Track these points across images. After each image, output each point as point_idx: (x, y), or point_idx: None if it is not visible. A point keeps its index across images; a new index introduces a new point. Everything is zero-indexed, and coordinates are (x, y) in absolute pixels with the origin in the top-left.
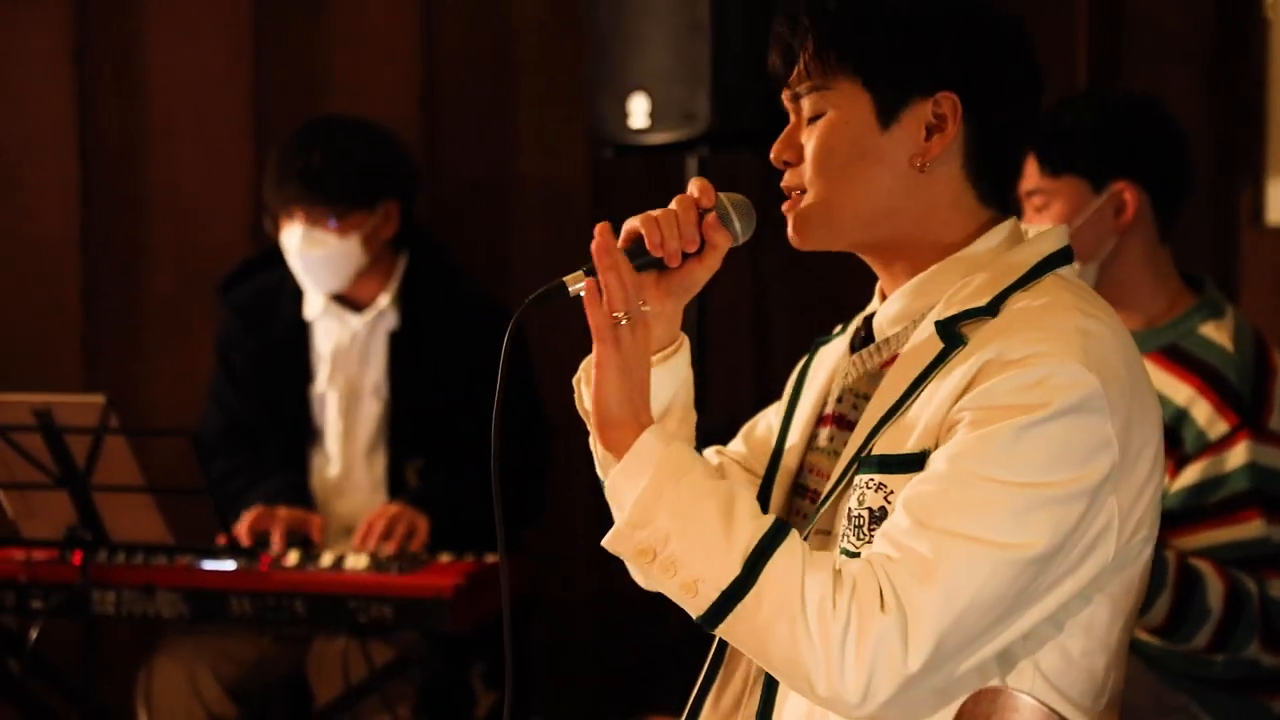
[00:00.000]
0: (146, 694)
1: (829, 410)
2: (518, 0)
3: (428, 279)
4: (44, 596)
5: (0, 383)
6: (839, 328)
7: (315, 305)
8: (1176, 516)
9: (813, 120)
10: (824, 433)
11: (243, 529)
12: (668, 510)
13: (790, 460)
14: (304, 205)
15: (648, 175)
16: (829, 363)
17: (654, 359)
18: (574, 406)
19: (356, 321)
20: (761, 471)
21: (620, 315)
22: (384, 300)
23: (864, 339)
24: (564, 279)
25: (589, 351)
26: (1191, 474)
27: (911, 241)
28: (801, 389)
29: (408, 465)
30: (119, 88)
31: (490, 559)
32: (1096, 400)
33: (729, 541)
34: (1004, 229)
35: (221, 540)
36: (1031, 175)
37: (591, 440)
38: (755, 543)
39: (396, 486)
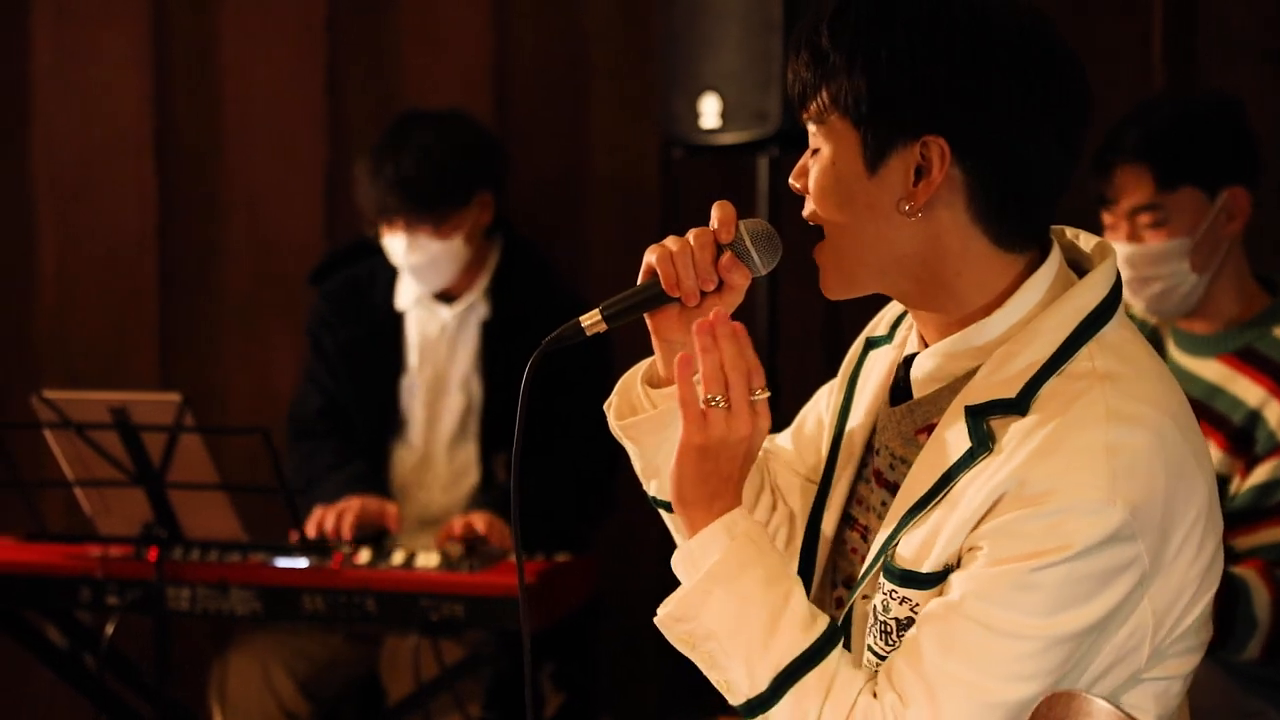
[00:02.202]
0: (220, 689)
1: (876, 445)
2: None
3: (520, 272)
4: (119, 593)
5: (78, 381)
6: (888, 326)
7: (407, 296)
8: (1243, 515)
9: (815, 152)
10: (872, 464)
11: (323, 521)
12: (714, 611)
13: (842, 482)
14: (402, 216)
15: (719, 175)
16: (877, 376)
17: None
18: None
19: (446, 313)
20: (808, 473)
21: (713, 398)
22: (476, 291)
23: (902, 388)
24: (579, 319)
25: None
26: (1260, 474)
27: (933, 295)
28: (853, 394)
29: (496, 458)
30: (195, 89)
31: (561, 559)
32: (1122, 531)
33: (764, 655)
34: (1041, 282)
35: (293, 536)
36: (1142, 190)
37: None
38: (787, 663)
39: (486, 478)
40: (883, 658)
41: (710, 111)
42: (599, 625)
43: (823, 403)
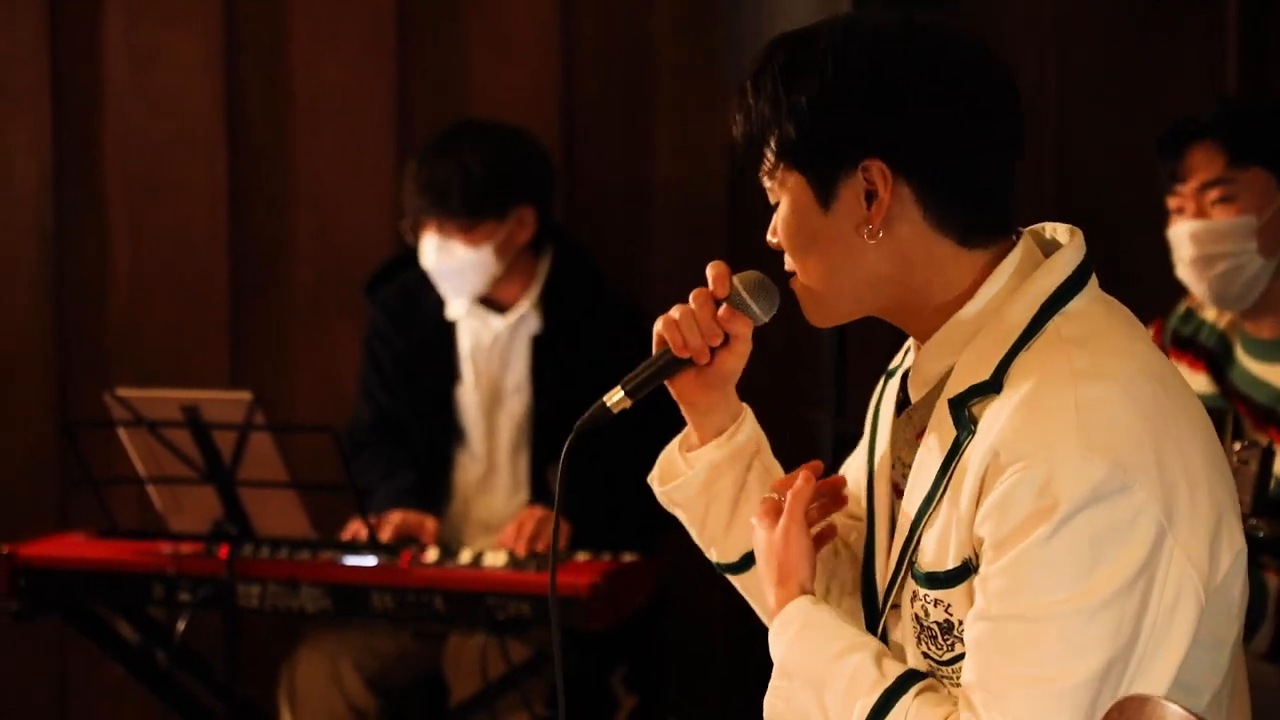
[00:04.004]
0: (290, 685)
1: (892, 459)
2: (657, 1)
3: (571, 283)
4: (191, 589)
5: (149, 379)
6: (902, 353)
7: (458, 306)
8: None
9: (775, 206)
10: (890, 477)
11: (358, 533)
12: (797, 703)
13: (883, 513)
14: (434, 218)
15: None
16: (889, 413)
17: (715, 444)
18: None
19: (498, 323)
20: (859, 512)
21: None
22: (526, 303)
23: (903, 400)
24: (604, 399)
25: None
26: None
27: (910, 307)
28: (878, 424)
29: (549, 467)
30: (265, 90)
31: (628, 559)
32: (1110, 481)
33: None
34: (1007, 268)
35: (353, 530)
36: (1214, 165)
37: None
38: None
39: (539, 488)
40: (939, 662)
41: None
42: (666, 627)
43: (863, 452)
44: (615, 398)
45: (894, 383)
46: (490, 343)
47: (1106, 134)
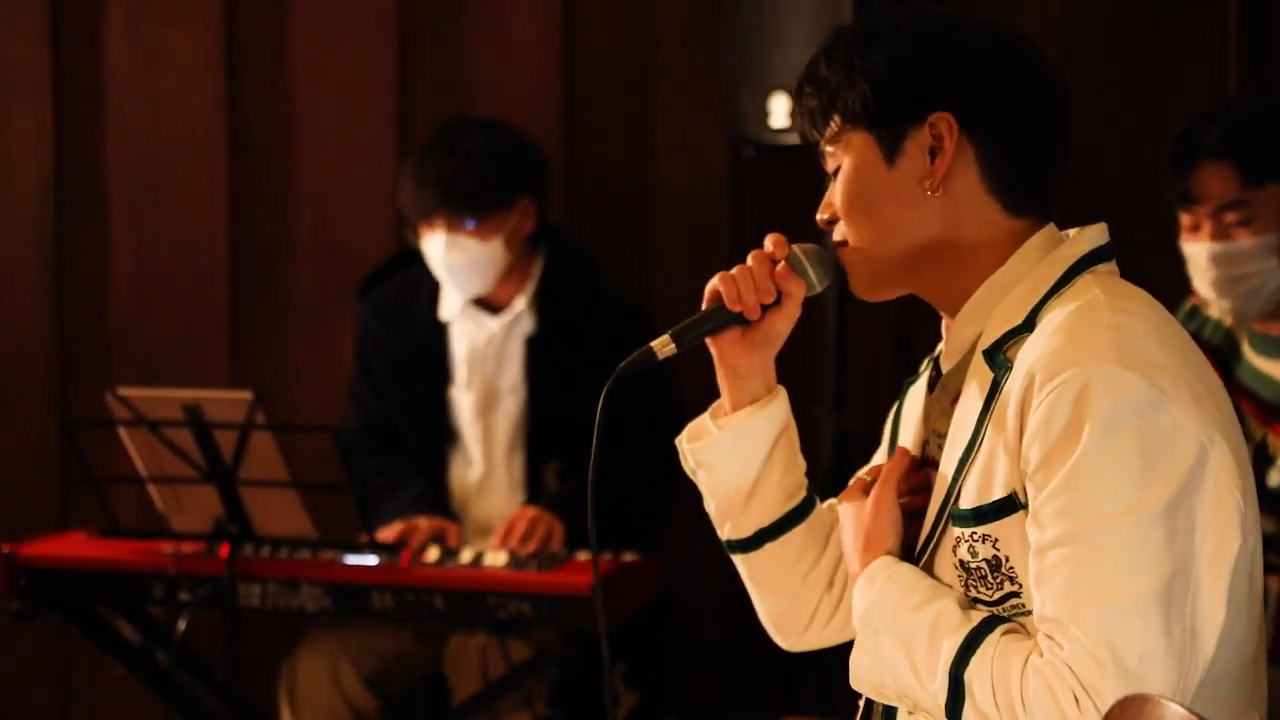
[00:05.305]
0: (290, 685)
1: (926, 436)
2: (659, 2)
3: (566, 280)
4: (191, 589)
5: (150, 379)
6: (925, 362)
7: (452, 307)
8: None
9: (836, 174)
10: (925, 452)
11: (387, 540)
12: (883, 654)
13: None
14: (444, 214)
15: (788, 175)
16: (917, 404)
17: (748, 410)
18: None
19: (493, 323)
20: None
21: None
22: (520, 302)
23: (935, 377)
24: (651, 344)
25: None
26: None
27: (953, 272)
28: (897, 435)
29: (545, 467)
30: (266, 90)
31: (628, 558)
32: (1147, 396)
33: (933, 665)
34: (1038, 239)
35: (364, 538)
36: (1228, 187)
37: None
38: (950, 663)
39: (535, 488)
40: (989, 603)
41: (780, 111)
42: (665, 626)
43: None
44: (661, 343)
45: (920, 383)
46: (485, 343)
47: (1108, 134)
